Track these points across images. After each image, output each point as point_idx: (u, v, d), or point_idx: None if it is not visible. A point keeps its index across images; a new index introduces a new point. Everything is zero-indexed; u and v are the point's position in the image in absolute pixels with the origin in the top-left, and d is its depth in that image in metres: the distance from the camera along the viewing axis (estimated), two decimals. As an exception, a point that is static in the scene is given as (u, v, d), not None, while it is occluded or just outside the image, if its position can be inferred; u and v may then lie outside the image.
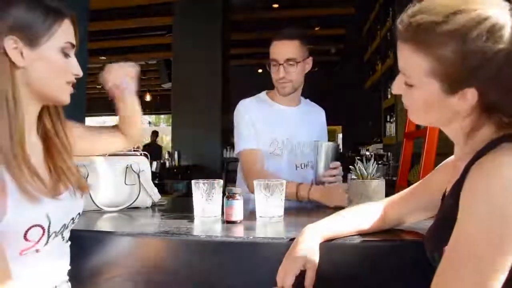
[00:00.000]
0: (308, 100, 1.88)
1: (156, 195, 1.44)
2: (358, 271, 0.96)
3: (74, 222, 0.94)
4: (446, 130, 0.81)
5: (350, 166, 1.31)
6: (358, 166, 1.29)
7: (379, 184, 1.27)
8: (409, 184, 1.05)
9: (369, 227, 1.00)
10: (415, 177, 1.00)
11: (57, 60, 0.86)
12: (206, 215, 1.18)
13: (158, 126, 19.92)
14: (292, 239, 0.92)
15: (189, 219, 1.18)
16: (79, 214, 0.95)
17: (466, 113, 0.73)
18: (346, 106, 7.63)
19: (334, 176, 1.54)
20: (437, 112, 0.76)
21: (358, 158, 1.45)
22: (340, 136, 10.07)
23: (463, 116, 0.74)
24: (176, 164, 5.84)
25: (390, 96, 4.63)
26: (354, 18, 6.63)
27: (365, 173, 1.29)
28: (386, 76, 4.83)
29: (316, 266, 0.87)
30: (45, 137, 0.92)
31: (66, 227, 0.90)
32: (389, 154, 4.48)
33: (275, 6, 6.23)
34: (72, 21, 0.88)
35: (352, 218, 1.00)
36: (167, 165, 5.85)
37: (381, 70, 5.08)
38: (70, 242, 0.95)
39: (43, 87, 0.86)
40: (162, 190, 2.02)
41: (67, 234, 0.93)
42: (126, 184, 1.37)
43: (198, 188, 1.18)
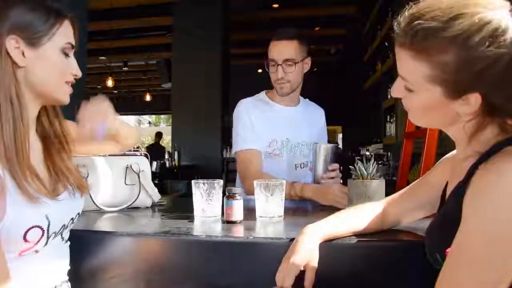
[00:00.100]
0: (307, 100, 1.88)
1: (156, 195, 1.44)
2: (358, 272, 0.96)
3: (73, 222, 0.94)
4: (448, 131, 0.80)
5: (350, 166, 1.32)
6: (358, 166, 1.29)
7: (379, 184, 1.27)
8: (409, 184, 1.05)
9: (368, 227, 1.00)
10: (415, 177, 1.00)
11: (57, 60, 0.86)
12: (206, 215, 1.18)
13: (158, 126, 19.95)
14: (292, 239, 0.92)
15: (189, 219, 1.18)
16: (79, 214, 0.95)
17: (468, 117, 0.72)
18: (346, 106, 7.62)
19: (333, 178, 1.54)
20: (438, 115, 0.75)
21: (358, 158, 1.45)
22: (340, 136, 10.07)
23: (466, 119, 0.72)
24: (176, 164, 5.85)
25: (390, 96, 4.63)
26: (354, 18, 6.63)
27: (365, 173, 1.29)
28: (386, 76, 4.83)
29: (315, 266, 0.87)
30: (43, 137, 0.92)
31: (66, 227, 0.90)
32: (389, 154, 4.48)
33: (275, 6, 6.23)
34: (71, 22, 0.89)
35: (351, 219, 1.00)
36: (167, 165, 5.85)
37: (381, 70, 5.09)
38: (69, 242, 0.95)
39: (44, 87, 0.86)
40: (162, 190, 2.01)
41: (67, 234, 0.93)
42: (126, 184, 1.37)
43: (198, 188, 1.18)
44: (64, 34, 0.86)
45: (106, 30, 6.38)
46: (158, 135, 9.24)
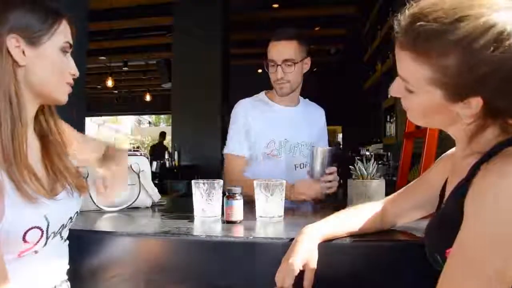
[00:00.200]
0: (307, 100, 1.88)
1: (156, 195, 1.44)
2: (357, 271, 0.96)
3: (72, 221, 0.94)
4: (448, 130, 0.79)
5: (350, 166, 1.32)
6: (358, 166, 1.29)
7: (379, 184, 1.28)
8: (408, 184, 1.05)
9: (368, 228, 1.00)
10: (415, 177, 0.99)
11: (57, 59, 0.87)
12: (206, 215, 1.18)
13: (158, 126, 19.94)
14: (292, 239, 0.92)
15: (189, 219, 1.18)
16: (77, 213, 0.95)
17: (469, 119, 0.70)
18: (346, 106, 7.62)
19: (330, 182, 1.51)
20: (438, 116, 0.74)
21: (358, 158, 1.45)
22: (340, 136, 10.07)
23: (467, 122, 0.71)
24: (176, 164, 5.84)
25: (390, 96, 4.63)
26: (354, 18, 6.63)
27: (365, 173, 1.29)
28: (386, 76, 4.83)
29: (315, 266, 0.88)
30: (41, 136, 0.92)
31: (65, 227, 0.90)
32: (389, 154, 4.48)
33: (275, 6, 6.22)
34: (69, 21, 0.90)
35: (351, 219, 1.00)
36: (167, 165, 5.85)
37: (381, 70, 5.08)
38: (68, 241, 0.95)
39: (43, 86, 0.86)
40: (162, 190, 2.01)
41: (66, 234, 0.93)
42: (126, 184, 1.37)
43: (198, 188, 1.18)
44: (63, 33, 0.87)
45: (106, 30, 6.37)
46: (162, 135, 9.32)
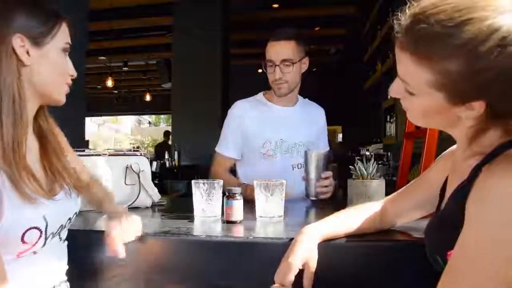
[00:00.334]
0: (307, 99, 1.88)
1: (156, 195, 1.44)
2: (357, 271, 0.96)
3: (71, 222, 0.94)
4: (448, 131, 0.78)
5: (350, 166, 1.32)
6: (358, 166, 1.29)
7: (379, 184, 1.28)
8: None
9: (368, 227, 1.00)
10: (415, 177, 0.99)
11: (59, 59, 0.89)
12: (206, 215, 1.18)
13: (158, 126, 19.94)
14: (292, 239, 0.92)
15: (189, 219, 1.18)
16: (76, 213, 0.95)
17: (471, 122, 0.69)
18: (346, 106, 7.62)
19: (326, 186, 1.50)
20: (438, 118, 0.73)
21: (358, 158, 1.45)
22: (340, 136, 10.07)
23: (468, 124, 0.70)
24: (176, 164, 5.84)
25: (390, 96, 4.63)
26: (354, 18, 6.63)
27: (365, 173, 1.29)
28: (386, 76, 4.83)
29: (314, 266, 0.88)
30: (40, 136, 0.93)
31: (64, 227, 0.90)
32: (389, 154, 4.48)
33: (275, 6, 6.22)
34: (67, 24, 0.91)
35: (350, 219, 1.00)
36: (167, 165, 5.85)
37: (381, 70, 5.08)
38: (67, 242, 0.95)
39: (45, 86, 0.87)
40: (162, 190, 2.02)
41: (65, 234, 0.93)
42: (126, 184, 1.37)
43: (198, 188, 1.18)
44: (63, 34, 0.89)
45: (106, 30, 6.37)
46: (166, 134, 9.39)
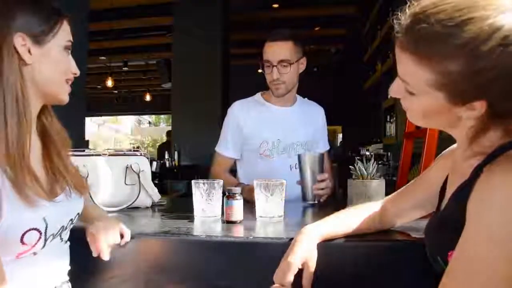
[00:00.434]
0: (306, 99, 1.88)
1: (156, 195, 1.44)
2: (356, 271, 0.96)
3: (73, 223, 0.93)
4: (448, 131, 0.78)
5: (350, 166, 1.32)
6: (358, 166, 1.29)
7: (379, 184, 1.28)
8: (409, 184, 1.05)
9: (367, 227, 1.00)
10: (415, 177, 0.99)
11: (61, 58, 0.88)
12: (206, 215, 1.18)
13: (158, 126, 19.93)
14: (292, 239, 0.92)
15: (189, 219, 1.18)
16: (79, 214, 0.95)
17: (472, 122, 0.69)
18: (346, 106, 7.62)
19: (323, 189, 1.49)
20: (438, 118, 0.73)
21: (358, 158, 1.45)
22: (340, 136, 10.06)
23: (469, 124, 0.70)
24: (176, 164, 5.84)
25: (390, 96, 4.62)
26: (354, 18, 6.63)
27: (365, 173, 1.29)
28: (386, 76, 4.83)
29: (314, 266, 0.88)
30: (43, 135, 0.92)
31: (65, 229, 0.90)
32: (389, 154, 4.47)
33: (275, 6, 6.22)
34: (68, 21, 0.91)
35: (350, 218, 1.00)
36: (167, 165, 5.84)
37: (381, 70, 5.08)
38: (69, 243, 0.95)
39: (48, 85, 0.87)
40: (162, 190, 2.02)
41: (66, 235, 0.93)
42: (126, 184, 1.37)
43: (198, 188, 1.18)
44: (65, 32, 0.89)
45: (106, 30, 6.37)
46: (169, 134, 9.39)
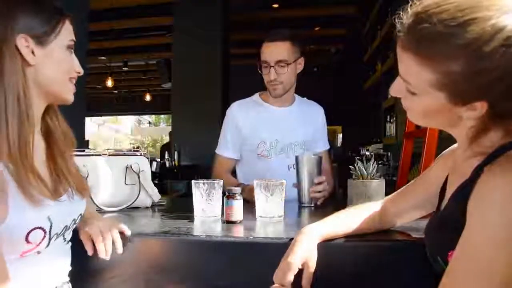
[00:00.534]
0: (305, 99, 1.87)
1: (156, 195, 1.44)
2: (356, 271, 0.96)
3: (76, 223, 0.94)
4: (449, 131, 0.78)
5: (350, 166, 1.32)
6: (358, 166, 1.29)
7: (379, 184, 1.28)
8: (408, 184, 1.05)
9: (367, 227, 1.00)
10: (415, 177, 1.00)
11: (64, 57, 0.89)
12: (206, 215, 1.18)
13: (158, 126, 19.92)
14: (292, 239, 0.92)
15: (189, 219, 1.18)
16: (81, 215, 0.95)
17: (472, 122, 0.69)
18: (346, 106, 7.62)
19: (320, 192, 1.47)
20: (439, 117, 0.73)
21: (358, 158, 1.45)
22: (340, 136, 10.06)
23: (469, 125, 0.70)
24: (176, 164, 5.84)
25: (390, 96, 4.62)
26: (354, 18, 6.63)
27: (365, 173, 1.29)
28: (386, 76, 4.82)
29: (314, 266, 0.88)
30: (47, 136, 0.92)
31: (68, 228, 0.90)
32: (389, 154, 4.47)
33: (275, 6, 6.22)
34: (70, 20, 0.91)
35: (350, 219, 1.00)
36: (167, 165, 5.84)
37: (381, 70, 5.08)
38: (71, 243, 0.95)
39: (51, 85, 0.87)
40: (162, 190, 2.02)
41: (69, 235, 0.93)
42: (126, 184, 1.37)
43: (198, 188, 1.18)
44: (67, 32, 0.89)
45: (106, 30, 6.37)
46: (171, 134, 9.41)
